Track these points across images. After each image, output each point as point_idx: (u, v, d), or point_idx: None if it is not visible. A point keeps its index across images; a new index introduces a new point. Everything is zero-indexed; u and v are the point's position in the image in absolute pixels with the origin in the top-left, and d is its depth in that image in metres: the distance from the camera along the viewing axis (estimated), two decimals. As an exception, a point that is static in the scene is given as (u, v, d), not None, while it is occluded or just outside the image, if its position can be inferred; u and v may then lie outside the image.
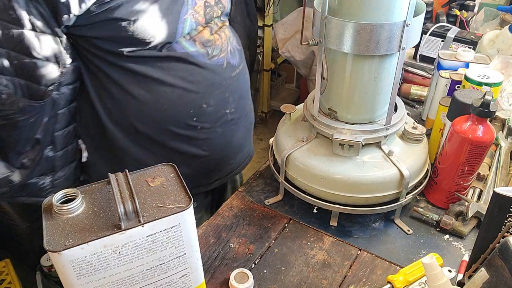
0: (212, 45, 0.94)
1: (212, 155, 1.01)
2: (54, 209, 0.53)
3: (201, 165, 1.01)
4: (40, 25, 0.73)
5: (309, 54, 2.60)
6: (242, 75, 1.04)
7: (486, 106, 0.76)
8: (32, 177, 0.88)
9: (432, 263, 0.63)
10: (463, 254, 0.81)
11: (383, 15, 0.70)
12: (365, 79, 0.78)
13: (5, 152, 0.83)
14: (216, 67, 0.94)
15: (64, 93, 0.84)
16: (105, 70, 0.85)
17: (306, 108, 0.88)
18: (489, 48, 1.28)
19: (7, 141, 0.82)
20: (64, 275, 0.51)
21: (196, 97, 0.92)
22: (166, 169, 0.61)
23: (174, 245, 0.56)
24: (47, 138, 0.86)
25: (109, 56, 0.84)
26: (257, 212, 0.91)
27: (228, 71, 0.98)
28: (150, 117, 0.90)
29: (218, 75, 0.95)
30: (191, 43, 0.90)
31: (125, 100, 0.88)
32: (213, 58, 0.94)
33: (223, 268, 0.79)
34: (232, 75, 0.99)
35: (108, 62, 0.85)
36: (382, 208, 0.85)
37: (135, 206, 0.52)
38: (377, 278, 0.77)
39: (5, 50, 0.73)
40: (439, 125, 0.97)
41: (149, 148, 0.94)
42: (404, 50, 0.72)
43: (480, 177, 0.94)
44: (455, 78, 1.00)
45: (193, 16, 0.88)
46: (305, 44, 0.79)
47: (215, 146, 1.00)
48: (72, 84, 0.85)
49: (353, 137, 0.80)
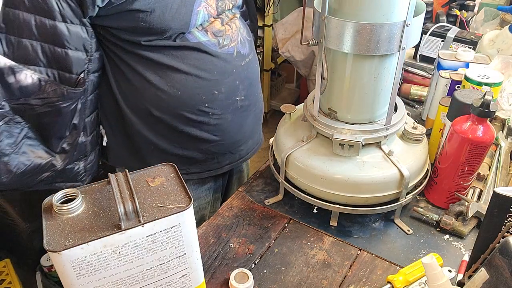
0: (223, 35, 0.97)
1: (223, 140, 1.04)
2: (54, 209, 0.53)
3: (212, 150, 1.04)
4: (69, 16, 0.80)
5: (309, 54, 2.60)
6: (252, 64, 1.08)
7: (486, 106, 0.76)
8: (71, 162, 0.94)
9: (432, 263, 0.63)
10: (463, 254, 0.81)
11: (383, 15, 0.70)
12: (365, 79, 0.78)
13: (47, 138, 0.89)
14: (226, 55, 0.98)
15: (91, 80, 0.91)
16: (123, 57, 0.91)
17: (306, 108, 0.88)
18: (489, 48, 1.28)
19: (51, 127, 0.88)
20: (64, 275, 0.51)
21: (208, 84, 0.96)
22: (166, 169, 0.61)
23: (174, 245, 0.56)
24: (81, 123, 0.92)
25: (127, 45, 0.89)
26: (257, 212, 0.91)
27: (238, 60, 1.01)
28: (164, 102, 0.94)
29: (229, 63, 0.99)
30: (203, 33, 0.94)
31: (142, 86, 0.93)
32: (224, 47, 0.98)
33: (223, 268, 0.79)
34: (242, 64, 1.03)
35: (126, 51, 0.90)
36: (382, 208, 0.85)
37: (135, 206, 0.52)
38: (377, 278, 0.77)
39: (39, 42, 0.79)
40: (439, 125, 0.97)
41: (163, 133, 0.99)
42: (404, 50, 0.72)
43: (480, 177, 0.94)
44: (455, 78, 1.00)
45: (206, 8, 0.92)
46: (305, 44, 0.79)
47: (226, 131, 1.04)
48: (97, 71, 0.92)
49: (353, 137, 0.80)
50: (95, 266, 0.52)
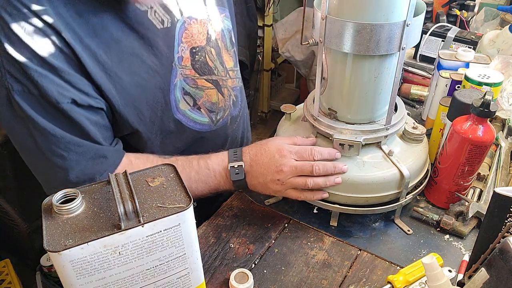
0: (216, 109, 0.95)
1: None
2: (54, 209, 0.53)
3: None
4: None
5: (309, 54, 2.60)
6: (242, 119, 1.07)
7: (486, 106, 0.76)
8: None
9: (432, 263, 0.63)
10: (463, 254, 0.81)
11: (383, 15, 0.70)
12: (365, 79, 0.78)
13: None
14: (220, 129, 0.98)
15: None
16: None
17: (306, 108, 0.88)
18: (489, 48, 1.28)
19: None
20: (64, 275, 0.51)
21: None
22: (166, 169, 0.61)
23: (174, 245, 0.56)
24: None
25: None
26: (257, 212, 0.91)
27: (231, 125, 1.01)
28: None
29: (223, 133, 0.99)
30: (196, 111, 0.91)
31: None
32: (218, 122, 0.97)
33: (223, 268, 0.79)
34: (234, 127, 1.03)
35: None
36: (382, 208, 0.84)
37: (135, 206, 0.52)
38: (377, 278, 0.77)
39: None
40: (439, 125, 0.97)
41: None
42: (404, 50, 0.72)
43: (480, 177, 0.94)
44: (455, 78, 1.00)
45: (182, 74, 0.89)
46: (305, 44, 0.79)
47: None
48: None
49: (353, 137, 0.80)
50: (95, 266, 0.52)
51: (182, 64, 0.86)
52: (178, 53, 0.85)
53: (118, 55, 0.76)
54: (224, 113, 0.98)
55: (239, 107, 1.04)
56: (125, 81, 0.77)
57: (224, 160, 0.83)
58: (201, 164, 0.83)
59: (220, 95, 0.96)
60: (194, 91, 0.90)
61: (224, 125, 0.99)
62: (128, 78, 0.77)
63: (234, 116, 1.02)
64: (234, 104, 1.01)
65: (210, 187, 0.84)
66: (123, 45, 0.76)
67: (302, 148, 0.81)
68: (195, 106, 0.91)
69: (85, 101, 0.73)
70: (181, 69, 0.86)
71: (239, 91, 1.04)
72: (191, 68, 0.88)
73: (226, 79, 0.98)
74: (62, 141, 0.73)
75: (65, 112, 0.71)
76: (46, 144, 0.73)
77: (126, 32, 0.76)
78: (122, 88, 0.77)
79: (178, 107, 0.88)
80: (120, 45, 0.76)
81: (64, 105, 0.71)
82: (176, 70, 0.85)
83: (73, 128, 0.74)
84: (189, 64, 0.88)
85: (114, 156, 0.80)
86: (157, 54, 0.81)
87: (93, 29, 0.72)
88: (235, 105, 1.02)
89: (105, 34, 0.74)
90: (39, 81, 0.68)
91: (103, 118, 0.78)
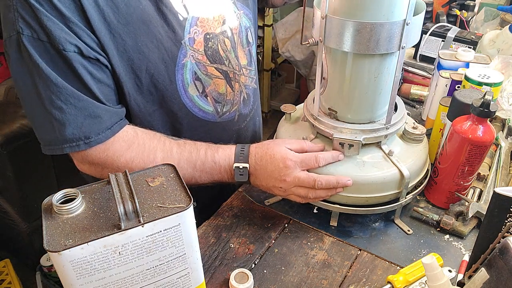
0: (222, 101, 0.95)
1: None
2: (54, 209, 0.53)
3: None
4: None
5: (309, 54, 2.60)
6: (253, 120, 1.07)
7: (486, 106, 0.76)
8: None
9: (432, 263, 0.63)
10: (463, 254, 0.81)
11: (383, 14, 0.70)
12: (365, 79, 0.78)
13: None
14: (227, 122, 0.97)
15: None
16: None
17: (306, 107, 0.88)
18: (489, 48, 1.28)
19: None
20: (64, 275, 0.51)
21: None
22: (166, 169, 0.61)
23: (174, 245, 0.56)
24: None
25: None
26: (257, 212, 0.91)
27: (239, 123, 1.01)
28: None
29: (229, 129, 0.99)
30: (203, 99, 0.91)
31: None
32: (224, 115, 0.96)
33: (223, 268, 0.79)
34: (243, 126, 1.02)
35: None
36: (382, 208, 0.84)
37: (135, 206, 0.52)
38: (377, 278, 0.77)
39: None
40: (439, 125, 0.97)
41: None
42: (404, 49, 0.72)
43: (480, 177, 0.94)
44: (455, 78, 1.00)
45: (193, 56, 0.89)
46: (305, 44, 0.79)
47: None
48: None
49: (353, 136, 0.80)
50: (95, 266, 0.52)
51: (194, 47, 0.86)
52: (189, 34, 0.85)
53: (126, 17, 0.76)
54: (232, 107, 0.97)
55: (250, 107, 1.04)
56: (128, 44, 0.77)
57: (231, 157, 0.83)
58: (208, 155, 0.83)
59: (229, 87, 0.95)
60: (204, 78, 0.90)
61: (231, 120, 0.98)
62: (131, 42, 0.78)
63: (243, 114, 1.01)
64: (244, 102, 1.01)
65: (213, 179, 0.84)
66: (132, 8, 0.77)
67: (307, 156, 0.81)
68: (203, 93, 0.91)
69: (90, 53, 0.74)
70: (193, 51, 0.86)
71: (252, 92, 1.04)
72: (204, 54, 0.88)
73: (239, 74, 0.97)
74: (63, 92, 0.73)
75: (70, 62, 0.72)
76: (47, 93, 0.73)
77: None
78: (124, 50, 0.77)
79: (186, 90, 0.87)
80: (130, 8, 0.76)
81: (70, 53, 0.72)
82: (185, 50, 0.85)
83: (76, 80, 0.74)
84: (202, 49, 0.88)
85: (113, 118, 0.79)
86: (165, 27, 0.81)
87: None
88: (245, 103, 1.01)
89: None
90: (48, 26, 0.69)
91: (108, 78, 0.78)
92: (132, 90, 0.82)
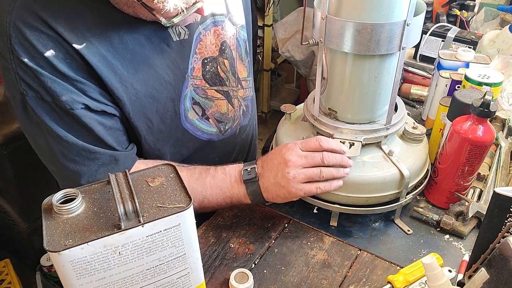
0: (225, 120, 0.96)
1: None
2: (54, 209, 0.53)
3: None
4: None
5: (309, 54, 2.60)
6: (251, 128, 1.07)
7: (486, 106, 0.76)
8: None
9: (432, 263, 0.63)
10: (463, 254, 0.81)
11: (383, 15, 0.70)
12: (365, 79, 0.78)
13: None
14: (229, 138, 0.98)
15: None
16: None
17: (306, 108, 0.88)
18: (489, 48, 1.28)
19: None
20: (64, 275, 0.51)
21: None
22: (166, 169, 0.61)
23: (174, 245, 0.56)
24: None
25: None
26: (257, 212, 0.91)
27: (240, 135, 1.01)
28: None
29: (231, 143, 1.00)
30: (204, 121, 0.92)
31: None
32: (226, 132, 0.97)
33: (223, 268, 0.79)
34: (243, 137, 1.03)
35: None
36: (382, 208, 0.84)
37: (135, 206, 0.52)
38: (377, 278, 0.77)
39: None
40: (439, 125, 0.97)
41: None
42: (405, 50, 0.72)
43: (480, 177, 0.94)
44: (455, 78, 1.00)
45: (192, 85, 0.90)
46: (305, 44, 0.79)
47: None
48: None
49: (353, 137, 0.80)
50: (95, 266, 0.51)
51: (193, 75, 0.87)
52: (191, 65, 0.86)
53: (134, 66, 0.77)
54: (233, 123, 0.99)
55: (249, 116, 1.04)
56: (139, 91, 0.78)
57: (240, 165, 0.84)
58: (218, 169, 0.84)
59: (230, 106, 0.96)
60: (204, 101, 0.90)
61: (233, 135, 1.00)
62: (142, 88, 0.78)
63: (243, 126, 1.02)
64: (244, 114, 1.02)
65: (224, 193, 0.82)
66: (138, 55, 0.77)
67: (307, 139, 0.81)
68: (203, 116, 0.91)
69: (98, 107, 0.74)
70: (192, 79, 0.87)
71: (250, 101, 1.05)
72: (202, 78, 0.89)
73: (237, 89, 0.98)
74: (74, 148, 0.74)
75: (78, 118, 0.72)
76: (59, 148, 0.74)
77: (142, 43, 0.77)
78: (136, 98, 0.78)
79: (186, 116, 0.88)
80: (136, 56, 0.77)
81: (77, 111, 0.72)
82: (188, 81, 0.86)
83: (86, 133, 0.74)
84: (199, 74, 0.88)
85: (126, 160, 0.80)
86: (170, 65, 0.82)
87: (109, 41, 0.73)
88: (245, 115, 1.02)
89: (121, 45, 0.75)
90: (52, 87, 0.69)
91: (117, 123, 0.79)
92: (144, 132, 0.83)
